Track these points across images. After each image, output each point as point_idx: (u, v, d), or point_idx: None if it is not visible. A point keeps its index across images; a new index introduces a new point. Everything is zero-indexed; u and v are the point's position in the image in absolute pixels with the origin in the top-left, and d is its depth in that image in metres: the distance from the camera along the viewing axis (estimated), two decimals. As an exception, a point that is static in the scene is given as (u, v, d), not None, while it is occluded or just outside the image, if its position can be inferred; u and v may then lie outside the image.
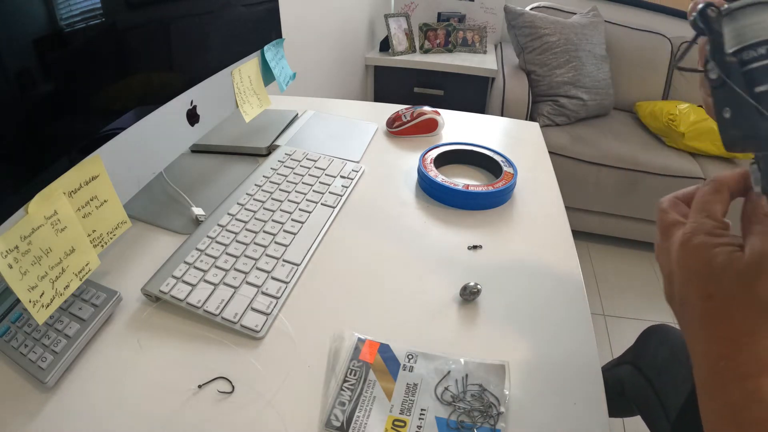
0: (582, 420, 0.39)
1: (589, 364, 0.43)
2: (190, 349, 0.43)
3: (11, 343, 0.41)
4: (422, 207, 0.64)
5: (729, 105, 0.24)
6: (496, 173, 0.70)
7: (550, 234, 0.60)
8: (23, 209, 0.37)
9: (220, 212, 0.58)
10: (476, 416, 0.38)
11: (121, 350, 0.43)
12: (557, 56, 1.76)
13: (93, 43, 0.42)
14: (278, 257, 0.52)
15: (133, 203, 0.54)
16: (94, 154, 0.44)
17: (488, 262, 0.55)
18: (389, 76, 2.09)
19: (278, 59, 0.80)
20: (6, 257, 0.35)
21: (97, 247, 0.45)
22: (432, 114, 0.83)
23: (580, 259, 0.56)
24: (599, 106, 1.86)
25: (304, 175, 0.67)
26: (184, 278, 0.48)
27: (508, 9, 1.83)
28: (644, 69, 1.96)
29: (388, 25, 2.01)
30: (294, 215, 0.59)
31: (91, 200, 0.44)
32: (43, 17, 0.37)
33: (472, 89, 2.03)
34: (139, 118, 0.50)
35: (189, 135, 0.60)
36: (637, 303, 1.65)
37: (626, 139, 1.76)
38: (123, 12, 0.45)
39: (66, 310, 0.44)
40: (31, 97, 0.37)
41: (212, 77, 0.62)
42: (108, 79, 0.45)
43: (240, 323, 0.44)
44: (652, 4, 2.14)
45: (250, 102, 0.72)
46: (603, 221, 1.82)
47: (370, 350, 0.43)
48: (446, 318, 0.47)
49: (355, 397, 0.39)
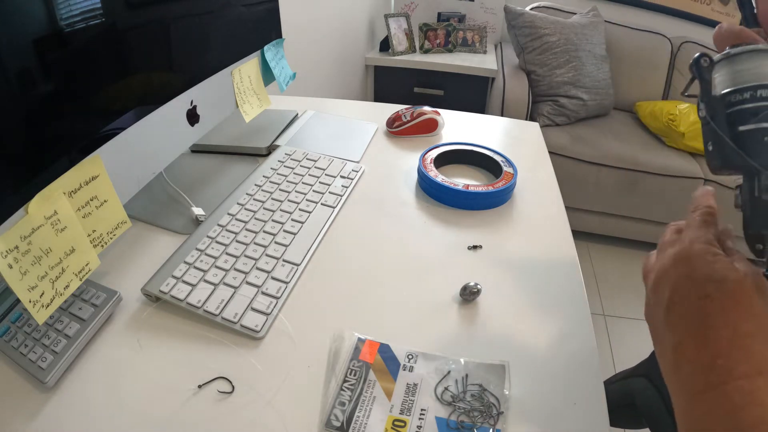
0: (582, 420, 0.39)
1: (589, 364, 0.43)
2: (190, 349, 0.43)
3: (11, 343, 0.41)
4: (422, 207, 0.64)
5: (712, 140, 0.28)
6: (496, 173, 0.70)
7: (550, 234, 0.60)
8: (23, 209, 0.37)
9: (220, 212, 0.58)
10: (476, 416, 0.38)
11: (121, 350, 0.43)
12: (557, 56, 1.76)
13: (93, 43, 0.42)
14: (278, 257, 0.52)
15: (133, 203, 0.54)
16: (94, 154, 0.44)
17: (488, 262, 0.55)
18: (389, 76, 2.09)
19: (278, 59, 0.80)
20: (6, 257, 0.35)
21: (97, 247, 0.45)
22: (432, 114, 0.83)
23: (580, 259, 0.56)
24: (599, 106, 1.86)
25: (304, 175, 0.67)
26: (184, 278, 0.48)
27: (508, 9, 1.83)
28: (644, 69, 1.97)
29: (388, 25, 2.01)
30: (294, 215, 0.59)
31: (91, 200, 0.44)
32: (43, 17, 0.37)
33: (472, 89, 2.03)
34: (139, 118, 0.50)
35: (189, 135, 0.60)
36: (637, 303, 1.65)
37: (626, 139, 1.76)
38: (123, 12, 0.45)
39: (66, 310, 0.44)
40: (31, 97, 0.36)
41: (212, 77, 0.62)
42: (108, 79, 0.45)
43: (240, 323, 0.44)
44: (652, 4, 2.14)
45: (250, 102, 0.72)
46: (603, 221, 1.82)
47: (370, 350, 0.43)
48: (446, 318, 0.47)
49: (355, 397, 0.39)
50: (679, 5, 2.13)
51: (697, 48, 1.93)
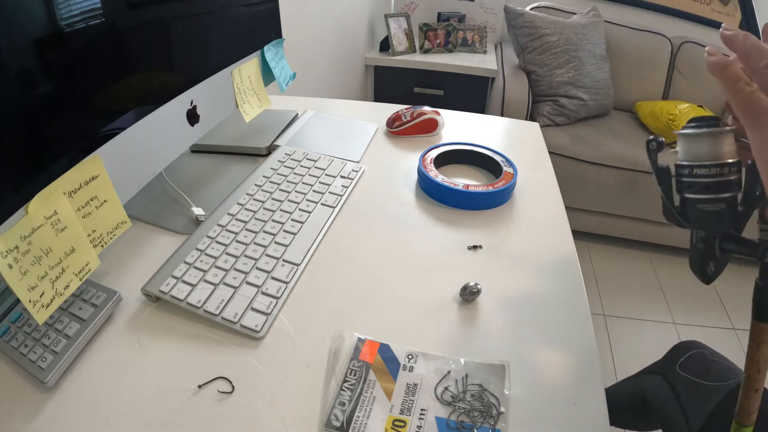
0: (582, 420, 0.39)
1: (589, 364, 0.43)
2: (190, 349, 0.43)
3: (11, 343, 0.41)
4: (422, 207, 0.64)
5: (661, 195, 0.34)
6: (496, 173, 0.70)
7: (550, 234, 0.60)
8: (23, 209, 0.37)
9: (220, 212, 0.58)
10: (476, 416, 0.38)
11: (121, 350, 0.43)
12: (557, 56, 1.76)
13: (93, 43, 0.42)
14: (278, 257, 0.52)
15: (133, 203, 0.54)
16: (94, 154, 0.44)
17: (488, 262, 0.55)
18: (389, 76, 2.09)
19: (278, 59, 0.80)
20: (6, 257, 0.35)
21: (97, 247, 0.45)
22: (432, 114, 0.83)
23: (580, 259, 0.56)
24: (599, 106, 1.86)
25: (304, 175, 0.67)
26: (184, 278, 0.48)
27: (508, 9, 1.83)
28: (644, 69, 1.97)
29: (388, 25, 2.01)
30: (294, 215, 0.59)
31: (91, 200, 0.44)
32: (43, 17, 0.37)
33: (472, 89, 2.03)
34: (139, 118, 0.50)
35: (189, 135, 0.60)
36: (637, 303, 1.65)
37: (626, 139, 1.76)
38: (123, 12, 0.45)
39: (66, 310, 0.44)
40: (31, 97, 0.36)
41: (212, 77, 0.62)
42: (108, 79, 0.45)
43: (240, 323, 0.44)
44: (652, 4, 2.14)
45: (250, 102, 0.72)
46: (603, 221, 1.82)
47: (370, 350, 0.43)
48: (446, 318, 0.47)
49: (355, 397, 0.39)
50: (679, 5, 2.13)
51: (697, 48, 1.93)
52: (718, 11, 2.12)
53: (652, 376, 0.81)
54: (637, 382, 0.85)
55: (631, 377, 0.88)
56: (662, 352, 0.83)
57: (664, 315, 1.60)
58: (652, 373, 0.82)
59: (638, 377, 0.86)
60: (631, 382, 0.87)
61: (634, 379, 0.87)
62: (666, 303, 1.66)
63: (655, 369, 0.83)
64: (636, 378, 0.86)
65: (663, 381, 0.78)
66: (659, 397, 0.77)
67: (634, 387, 0.85)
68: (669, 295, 1.69)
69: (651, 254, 1.87)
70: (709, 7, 2.13)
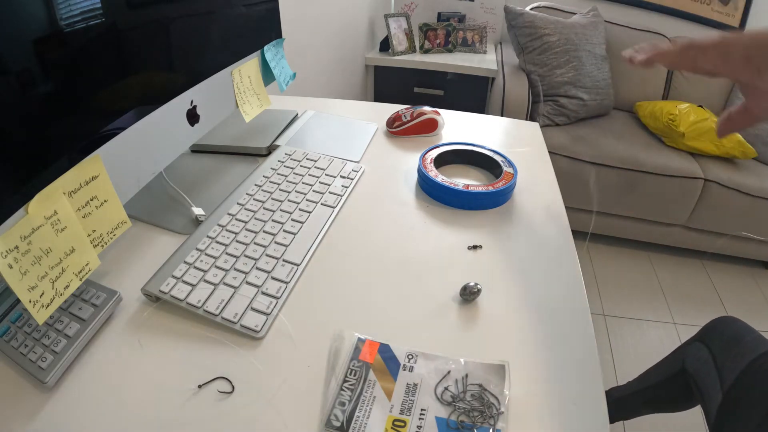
0: (582, 420, 0.39)
1: (589, 364, 0.43)
2: (190, 349, 0.43)
3: (11, 343, 0.41)
4: (422, 207, 0.64)
5: None
6: (496, 173, 0.70)
7: (550, 234, 0.60)
8: (23, 209, 0.37)
9: (220, 212, 0.58)
10: (476, 416, 0.38)
11: (121, 350, 0.43)
12: (557, 56, 1.77)
13: (93, 43, 0.42)
14: (278, 257, 0.52)
15: (133, 203, 0.54)
16: (94, 154, 0.44)
17: (488, 262, 0.55)
18: (389, 76, 2.09)
19: (278, 59, 0.80)
20: (6, 257, 0.35)
21: (97, 247, 0.45)
22: (432, 114, 0.83)
23: (580, 259, 0.56)
24: (599, 106, 1.86)
25: (304, 175, 0.67)
26: (184, 278, 0.48)
27: (508, 9, 1.83)
28: (644, 69, 1.96)
29: (388, 25, 2.01)
30: (294, 215, 0.59)
31: (91, 200, 0.44)
32: (43, 17, 0.37)
33: (472, 89, 2.03)
34: (139, 118, 0.50)
35: (189, 135, 0.60)
36: (637, 303, 1.65)
37: (626, 139, 1.76)
38: (123, 12, 0.45)
39: (66, 310, 0.44)
40: (31, 97, 0.36)
41: (212, 77, 0.62)
42: (108, 78, 0.45)
43: (240, 323, 0.44)
44: (652, 4, 2.14)
45: (250, 102, 0.72)
46: (603, 221, 1.82)
47: (370, 350, 0.43)
48: (446, 318, 0.47)
49: (355, 397, 0.39)
50: (679, 5, 2.13)
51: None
52: (718, 11, 2.12)
53: (693, 344, 0.88)
54: (676, 353, 0.92)
55: (674, 351, 0.94)
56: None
57: (664, 315, 1.60)
58: (692, 342, 0.89)
59: (680, 348, 0.92)
60: (670, 356, 0.94)
61: (673, 352, 0.93)
62: (666, 303, 1.66)
63: (695, 337, 0.89)
64: (675, 351, 0.93)
65: (701, 345, 0.84)
66: (697, 359, 0.83)
67: (674, 357, 0.92)
68: (669, 295, 1.69)
69: (651, 254, 1.87)
70: (709, 7, 2.13)
